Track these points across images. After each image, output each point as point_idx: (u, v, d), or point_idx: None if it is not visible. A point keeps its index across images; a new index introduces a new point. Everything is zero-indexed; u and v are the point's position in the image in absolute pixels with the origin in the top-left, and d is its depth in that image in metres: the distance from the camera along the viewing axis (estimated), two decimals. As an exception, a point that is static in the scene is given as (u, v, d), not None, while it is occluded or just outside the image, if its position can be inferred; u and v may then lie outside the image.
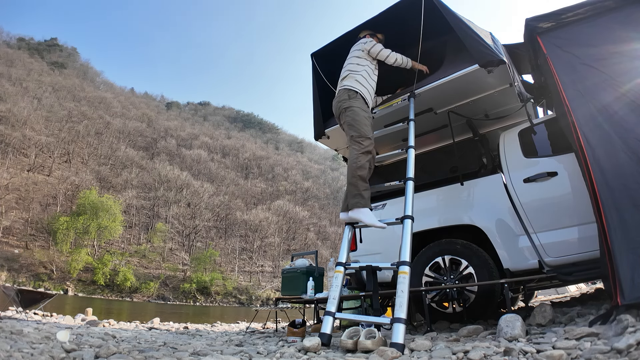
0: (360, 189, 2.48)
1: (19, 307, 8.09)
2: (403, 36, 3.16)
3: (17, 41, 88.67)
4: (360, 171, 2.51)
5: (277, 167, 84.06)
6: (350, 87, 2.84)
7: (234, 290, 42.81)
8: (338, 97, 2.89)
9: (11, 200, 40.06)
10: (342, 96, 2.83)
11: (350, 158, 2.60)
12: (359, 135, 2.62)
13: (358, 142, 2.61)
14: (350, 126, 2.70)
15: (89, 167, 55.58)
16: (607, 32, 2.25)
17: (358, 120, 2.68)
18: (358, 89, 2.83)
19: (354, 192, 2.50)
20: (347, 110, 2.75)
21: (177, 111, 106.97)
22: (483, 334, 2.07)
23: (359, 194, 2.48)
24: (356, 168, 2.52)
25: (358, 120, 2.67)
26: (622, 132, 1.93)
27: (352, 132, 2.67)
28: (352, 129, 2.67)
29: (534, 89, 3.44)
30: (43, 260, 35.50)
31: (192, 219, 54.62)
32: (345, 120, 2.76)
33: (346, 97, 2.80)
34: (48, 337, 2.18)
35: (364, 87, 2.88)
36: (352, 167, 2.54)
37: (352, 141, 2.65)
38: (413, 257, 2.66)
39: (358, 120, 2.68)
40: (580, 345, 1.43)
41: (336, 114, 2.91)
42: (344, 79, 2.93)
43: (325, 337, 2.04)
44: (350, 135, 2.68)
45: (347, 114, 2.73)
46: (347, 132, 2.75)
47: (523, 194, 2.65)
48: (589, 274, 2.29)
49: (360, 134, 2.62)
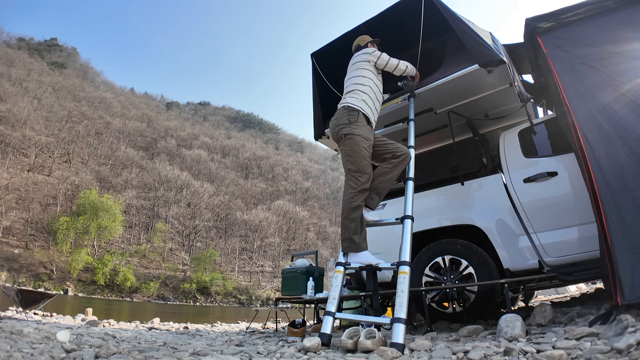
0: (351, 232, 2.36)
1: (19, 307, 8.09)
2: (403, 36, 3.16)
3: (17, 41, 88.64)
4: (353, 213, 2.38)
5: (277, 167, 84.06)
6: (353, 106, 2.58)
7: (234, 290, 42.82)
8: (338, 117, 2.62)
9: (11, 200, 40.05)
10: (342, 119, 2.56)
11: (345, 195, 2.45)
12: (356, 170, 2.44)
13: (355, 178, 2.43)
14: (348, 157, 2.49)
15: (89, 167, 55.57)
16: (607, 32, 2.25)
17: (358, 152, 2.45)
18: (363, 110, 2.58)
19: (345, 236, 2.39)
20: (346, 138, 2.50)
21: (177, 111, 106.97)
22: (483, 334, 2.07)
23: (349, 237, 2.36)
24: (350, 209, 2.39)
25: (357, 153, 2.45)
26: (622, 132, 1.93)
27: (350, 165, 2.48)
28: (350, 162, 2.48)
29: (534, 89, 3.44)
30: (43, 260, 35.49)
31: (192, 219, 54.62)
32: (343, 148, 2.53)
33: (346, 122, 2.53)
34: (48, 337, 2.18)
35: (369, 107, 2.63)
36: (346, 208, 2.41)
37: (349, 174, 2.48)
38: (413, 257, 2.66)
39: (358, 152, 2.45)
40: (580, 345, 1.43)
41: (334, 136, 2.65)
42: (348, 94, 2.70)
43: (325, 337, 2.04)
44: (347, 167, 2.50)
45: (347, 143, 2.50)
46: (344, 162, 2.56)
47: (523, 194, 2.65)
48: (589, 274, 2.29)
49: (358, 169, 2.44)
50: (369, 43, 3.01)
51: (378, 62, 2.80)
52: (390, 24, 3.18)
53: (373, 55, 2.80)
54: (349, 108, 2.58)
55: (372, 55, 2.80)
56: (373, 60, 2.80)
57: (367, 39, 3.03)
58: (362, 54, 2.85)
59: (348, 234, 2.37)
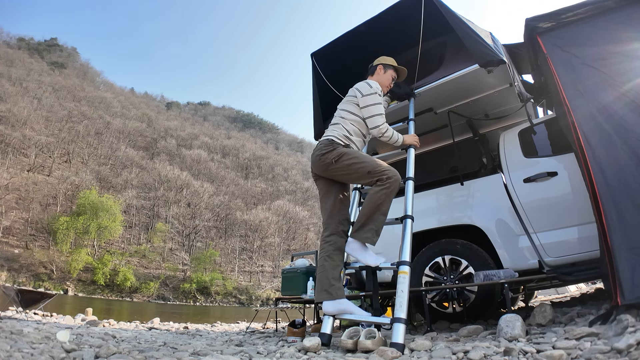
0: (380, 226, 2.18)
1: (19, 307, 8.11)
2: (403, 36, 3.15)
3: (17, 41, 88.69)
4: (383, 206, 2.14)
5: (277, 167, 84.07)
6: (335, 140, 2.31)
7: (234, 290, 42.82)
8: (318, 149, 2.34)
9: (11, 200, 40.05)
10: (326, 149, 2.29)
11: (374, 194, 2.17)
12: (373, 169, 2.17)
13: (379, 174, 2.17)
14: (354, 166, 2.22)
15: (89, 167, 55.56)
16: (607, 32, 2.25)
17: (361, 157, 2.25)
18: (352, 143, 2.36)
19: (372, 227, 2.17)
20: (341, 158, 2.24)
21: (177, 111, 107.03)
22: (483, 334, 2.07)
23: (375, 230, 2.17)
24: (381, 205, 2.13)
25: (361, 157, 2.24)
26: (622, 132, 1.93)
27: (366, 167, 2.19)
28: (361, 169, 2.20)
29: (534, 89, 3.44)
30: (43, 260, 35.49)
31: (192, 219, 54.62)
32: (340, 166, 2.25)
33: (330, 149, 2.29)
34: (48, 337, 2.18)
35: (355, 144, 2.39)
36: (377, 203, 2.14)
37: (368, 177, 2.20)
38: (413, 257, 2.66)
39: (361, 157, 2.25)
40: (580, 345, 1.43)
41: (316, 169, 2.37)
42: (330, 127, 2.44)
43: (325, 337, 2.04)
44: (366, 171, 2.19)
45: (342, 160, 2.24)
46: (352, 178, 2.32)
47: (523, 194, 2.65)
48: (589, 274, 2.29)
49: (374, 168, 2.17)
50: (379, 67, 2.62)
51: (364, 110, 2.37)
52: (390, 23, 3.18)
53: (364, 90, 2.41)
54: (332, 141, 2.31)
55: (363, 90, 2.41)
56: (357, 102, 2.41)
57: (384, 60, 2.64)
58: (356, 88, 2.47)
59: (376, 226, 2.16)
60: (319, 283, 2.23)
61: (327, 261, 2.23)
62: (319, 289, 2.21)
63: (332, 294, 2.14)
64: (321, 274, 2.23)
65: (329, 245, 2.28)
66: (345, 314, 2.14)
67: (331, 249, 2.25)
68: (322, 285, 2.20)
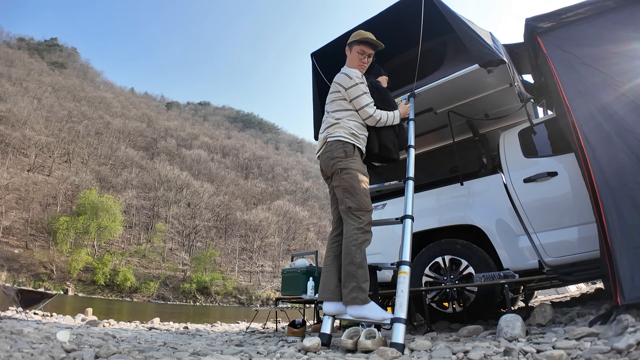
0: (360, 280, 2.04)
1: (19, 307, 8.09)
2: (403, 36, 3.16)
3: (17, 41, 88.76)
4: (358, 256, 2.07)
5: (277, 167, 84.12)
6: (343, 139, 2.27)
7: (234, 290, 42.85)
8: (328, 151, 2.31)
9: (11, 200, 40.06)
10: (337, 152, 2.26)
11: (348, 235, 2.15)
12: (357, 208, 2.16)
13: (357, 217, 2.16)
14: (346, 192, 2.20)
15: (89, 167, 55.59)
16: (607, 32, 2.25)
17: (357, 188, 2.19)
18: (356, 143, 2.31)
19: (353, 285, 2.04)
20: (342, 173, 2.23)
21: (177, 111, 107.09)
22: (483, 334, 2.07)
23: (358, 287, 2.03)
24: (355, 253, 2.08)
25: (357, 189, 2.18)
26: (622, 132, 1.93)
27: (350, 202, 2.18)
28: (350, 199, 2.18)
29: (534, 89, 3.44)
30: (43, 260, 35.51)
31: (192, 219, 54.64)
32: (340, 183, 2.24)
33: (342, 155, 2.25)
34: (48, 337, 2.18)
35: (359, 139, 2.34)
36: (351, 252, 2.09)
37: (348, 213, 2.18)
38: (413, 257, 2.66)
39: (357, 188, 2.19)
40: (580, 345, 1.43)
41: (326, 170, 2.36)
42: (329, 128, 2.37)
43: (325, 337, 2.04)
44: (346, 206, 2.19)
45: (343, 177, 2.22)
46: (340, 199, 2.26)
47: (523, 194, 2.65)
48: (589, 274, 2.29)
49: (360, 207, 2.16)
50: (346, 50, 2.54)
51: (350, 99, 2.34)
52: (390, 23, 3.18)
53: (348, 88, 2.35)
54: (341, 141, 2.28)
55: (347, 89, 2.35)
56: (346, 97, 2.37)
57: (360, 35, 2.49)
58: (336, 83, 2.41)
59: (357, 282, 2.04)
60: (323, 282, 2.23)
61: (335, 261, 2.24)
62: (323, 288, 2.21)
63: (337, 296, 2.15)
64: (327, 274, 2.24)
65: (337, 245, 2.28)
66: (345, 314, 2.14)
67: (339, 250, 2.26)
68: (326, 285, 2.20)
